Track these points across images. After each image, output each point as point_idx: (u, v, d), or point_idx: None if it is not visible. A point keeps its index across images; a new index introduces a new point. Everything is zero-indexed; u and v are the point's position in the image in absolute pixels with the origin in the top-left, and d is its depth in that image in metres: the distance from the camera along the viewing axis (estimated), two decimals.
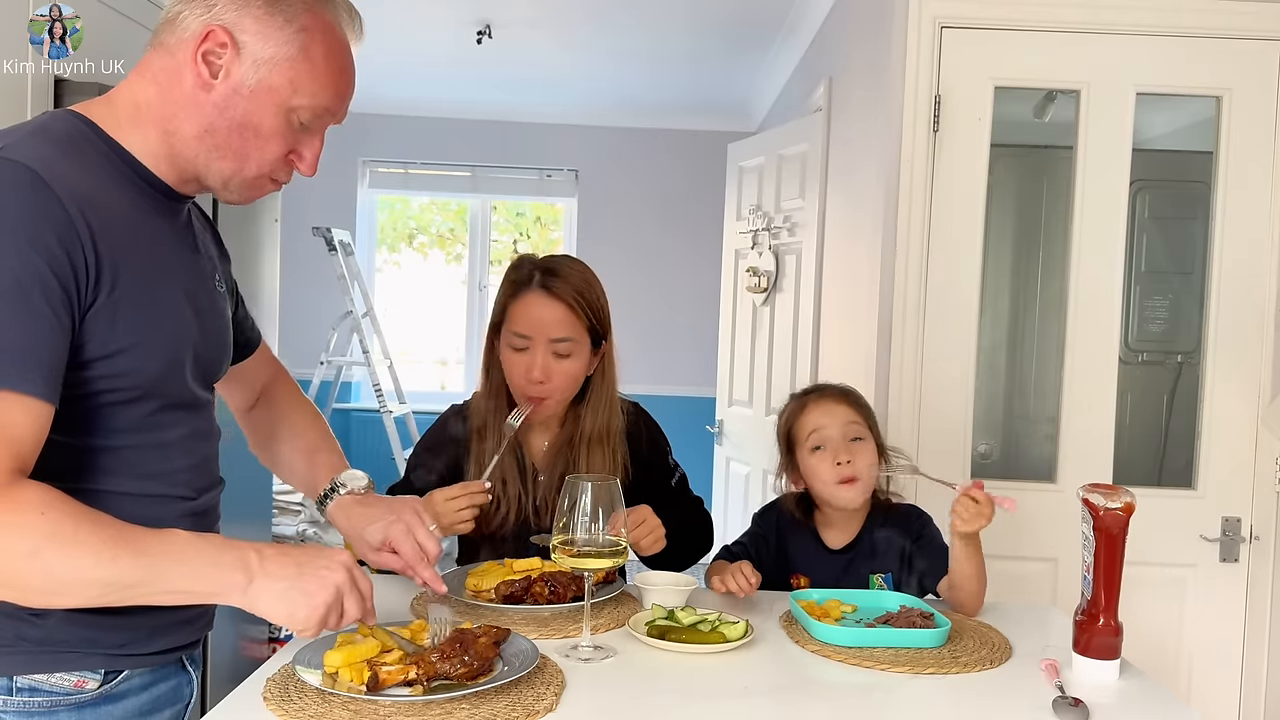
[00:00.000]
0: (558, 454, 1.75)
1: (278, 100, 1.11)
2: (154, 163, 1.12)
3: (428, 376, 6.16)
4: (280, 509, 4.47)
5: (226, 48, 1.08)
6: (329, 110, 1.16)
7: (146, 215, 1.12)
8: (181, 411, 1.16)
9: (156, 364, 1.09)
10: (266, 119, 1.11)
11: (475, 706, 1.11)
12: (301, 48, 1.11)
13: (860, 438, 1.69)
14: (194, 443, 1.19)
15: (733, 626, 1.40)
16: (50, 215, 0.98)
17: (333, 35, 1.14)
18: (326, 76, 1.13)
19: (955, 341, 2.38)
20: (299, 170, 1.18)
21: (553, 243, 6.15)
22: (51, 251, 0.97)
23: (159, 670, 1.18)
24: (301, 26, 1.10)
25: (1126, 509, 1.34)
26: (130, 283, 1.05)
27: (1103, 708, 1.22)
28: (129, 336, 1.05)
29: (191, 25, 1.09)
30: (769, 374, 3.58)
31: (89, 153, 1.08)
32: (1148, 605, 2.28)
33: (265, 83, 1.10)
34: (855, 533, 1.72)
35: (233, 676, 2.66)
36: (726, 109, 5.39)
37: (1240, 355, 2.36)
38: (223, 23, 1.08)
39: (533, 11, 3.92)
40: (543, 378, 1.66)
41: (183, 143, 1.11)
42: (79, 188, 1.02)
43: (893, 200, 2.37)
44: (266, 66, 1.09)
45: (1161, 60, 2.35)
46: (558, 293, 1.66)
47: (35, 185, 0.98)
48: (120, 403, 1.08)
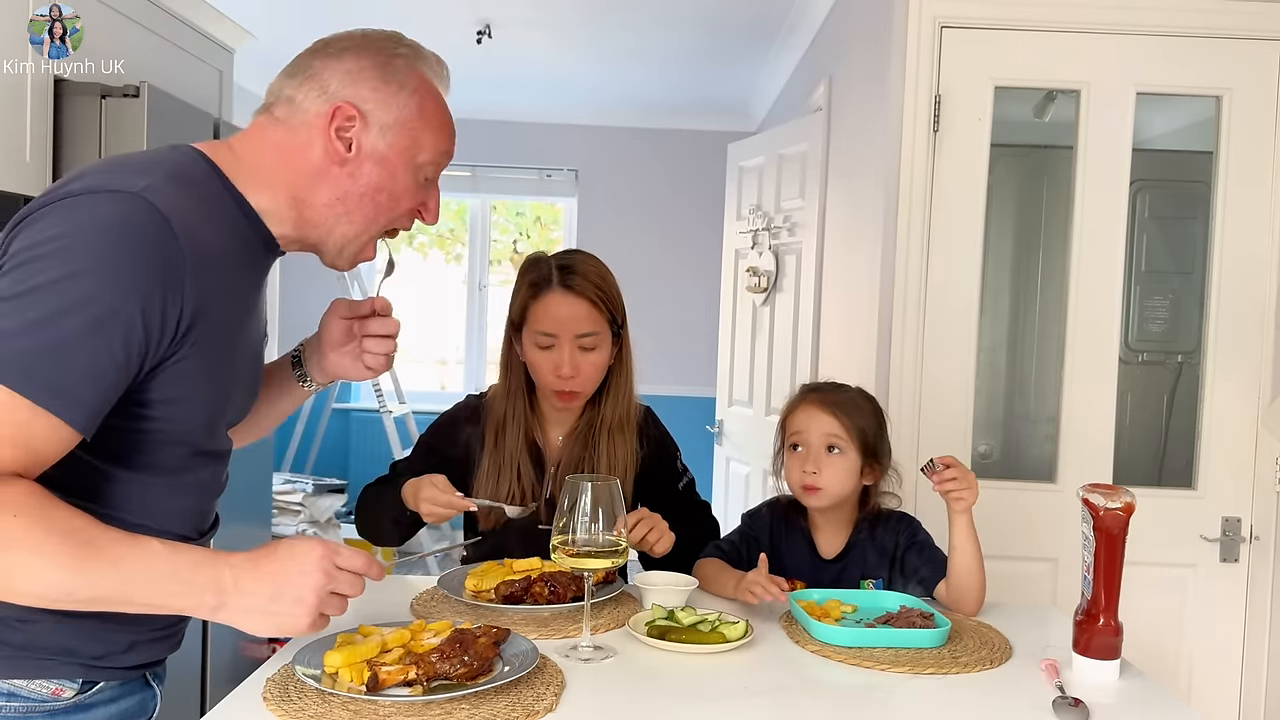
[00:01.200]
0: (574, 443, 1.77)
1: (407, 160, 1.19)
2: (274, 220, 1.17)
3: (428, 376, 6.16)
4: (280, 509, 4.47)
5: (354, 120, 1.15)
6: (448, 155, 1.25)
7: (245, 269, 1.16)
8: (207, 458, 1.18)
9: (206, 416, 1.13)
10: (400, 179, 1.19)
11: (475, 707, 1.11)
12: (418, 108, 1.19)
13: (836, 449, 1.66)
14: (208, 489, 1.21)
15: (733, 626, 1.40)
16: (165, 264, 1.00)
17: (435, 89, 1.23)
18: (441, 127, 1.23)
19: (955, 341, 2.38)
20: (424, 221, 1.27)
21: (552, 242, 6.15)
22: (152, 302, 0.99)
23: (127, 684, 1.18)
24: (414, 89, 1.19)
25: (1126, 509, 1.34)
26: (210, 337, 1.07)
27: (1103, 708, 1.22)
28: (190, 388, 1.08)
29: (312, 106, 1.15)
30: (769, 374, 3.58)
31: (211, 197, 1.11)
32: (1148, 605, 2.28)
33: (395, 146, 1.18)
34: (845, 538, 1.71)
35: (233, 676, 2.67)
36: (726, 109, 5.39)
37: (1240, 355, 2.36)
38: (345, 98, 1.15)
39: (533, 11, 3.92)
40: (572, 373, 1.68)
41: (313, 209, 1.17)
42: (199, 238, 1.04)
43: (893, 200, 2.37)
44: (394, 131, 1.17)
45: (1161, 60, 2.35)
46: (579, 289, 1.68)
47: (162, 234, 1.00)
48: (161, 443, 1.09)
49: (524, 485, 1.72)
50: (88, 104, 2.21)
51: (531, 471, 1.74)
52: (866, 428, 1.68)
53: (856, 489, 1.70)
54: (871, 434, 1.69)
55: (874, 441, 1.69)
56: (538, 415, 1.78)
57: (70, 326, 0.95)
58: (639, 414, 1.82)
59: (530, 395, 1.77)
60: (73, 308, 0.95)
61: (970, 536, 1.56)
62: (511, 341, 1.76)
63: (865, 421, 1.69)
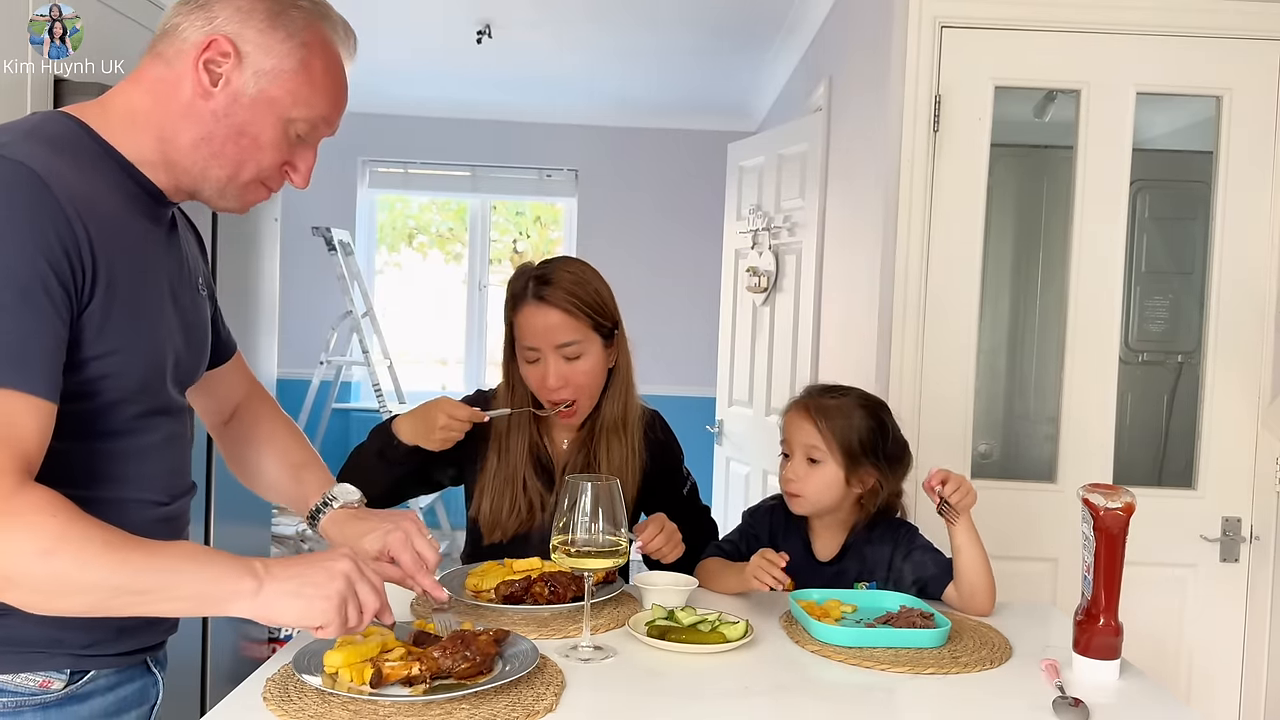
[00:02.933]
0: (579, 449, 1.77)
1: (277, 111, 1.13)
2: (149, 169, 1.13)
3: (428, 376, 6.16)
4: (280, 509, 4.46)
5: (228, 57, 1.10)
6: (325, 121, 1.18)
7: (136, 217, 1.13)
8: (160, 416, 1.16)
9: (140, 368, 1.10)
10: (265, 129, 1.13)
11: (475, 707, 1.11)
12: (302, 61, 1.13)
13: (815, 460, 1.65)
14: (170, 448, 1.19)
15: (733, 626, 1.40)
16: (50, 215, 0.99)
17: (331, 51, 1.17)
18: (325, 90, 1.16)
19: (955, 341, 2.38)
20: (292, 182, 1.21)
21: (552, 242, 6.15)
22: (52, 250, 0.98)
23: (125, 671, 1.18)
24: (303, 41, 1.13)
25: (1127, 509, 1.34)
26: (121, 284, 1.06)
27: (1103, 708, 1.22)
28: (118, 339, 1.06)
29: (192, 35, 1.11)
30: (769, 374, 3.58)
31: (83, 154, 1.09)
32: (1148, 605, 2.28)
33: (265, 93, 1.12)
34: (842, 541, 1.71)
35: (233, 676, 2.66)
36: (726, 109, 5.39)
37: (1240, 355, 2.36)
38: (225, 33, 1.10)
39: (533, 11, 3.92)
40: (558, 384, 1.68)
41: (179, 150, 1.13)
42: (75, 188, 1.03)
43: (893, 200, 2.37)
44: (267, 78, 1.12)
45: (1161, 60, 2.35)
46: (550, 299, 1.66)
47: (34, 184, 0.99)
48: (102, 406, 1.08)
49: (530, 496, 1.72)
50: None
51: (538, 482, 1.73)
52: (853, 437, 1.64)
53: (844, 497, 1.67)
54: (858, 442, 1.64)
55: (861, 449, 1.64)
56: (543, 426, 1.78)
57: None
58: (645, 417, 1.82)
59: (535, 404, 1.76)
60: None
61: (973, 536, 1.56)
62: (510, 355, 1.76)
63: (852, 430, 1.64)
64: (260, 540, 3.06)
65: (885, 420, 1.69)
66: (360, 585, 1.08)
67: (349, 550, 1.11)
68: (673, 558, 1.62)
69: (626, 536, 1.33)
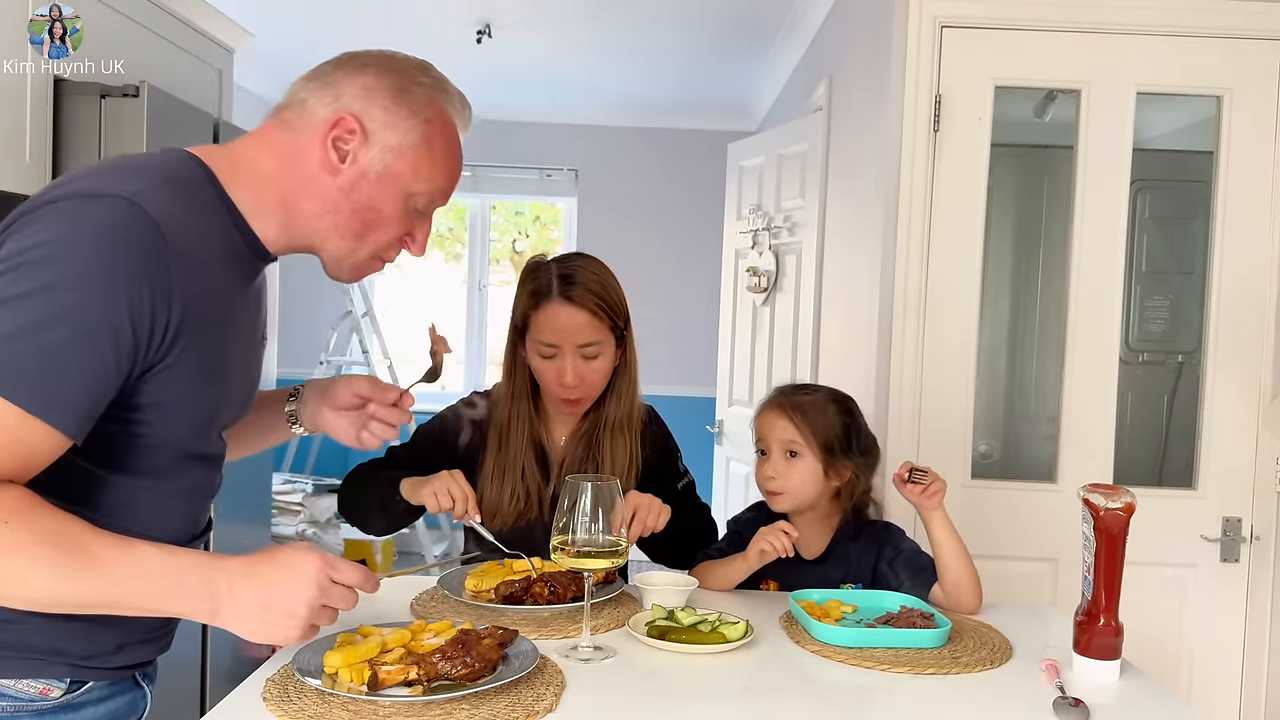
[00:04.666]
0: (579, 442, 1.77)
1: (400, 185, 1.17)
2: (263, 229, 1.16)
3: None
4: (280, 509, 4.47)
5: (355, 134, 1.14)
6: (443, 193, 1.22)
7: (235, 275, 1.16)
8: (199, 463, 1.18)
9: (198, 421, 1.12)
10: (388, 203, 1.17)
11: (475, 707, 1.11)
12: (424, 137, 1.17)
13: (794, 453, 1.68)
14: (198, 493, 1.21)
15: (733, 626, 1.40)
16: (155, 270, 1.00)
17: (450, 125, 1.21)
18: (445, 163, 1.20)
19: (955, 341, 2.38)
20: (411, 251, 1.25)
21: (552, 242, 6.15)
22: (140, 306, 0.99)
23: (117, 684, 1.18)
24: (426, 118, 1.17)
25: (1127, 509, 1.33)
26: (201, 341, 1.07)
27: (1103, 708, 1.22)
28: (182, 391, 1.08)
29: (319, 111, 1.14)
30: (769, 374, 3.58)
31: (202, 202, 1.11)
32: (1148, 605, 2.28)
33: (390, 169, 1.16)
34: (827, 540, 1.72)
35: (233, 676, 2.66)
36: (726, 109, 5.39)
37: (1240, 355, 2.36)
38: (353, 111, 1.13)
39: (533, 11, 3.92)
40: (576, 383, 1.68)
41: (302, 218, 1.16)
42: (187, 243, 1.04)
43: (893, 200, 2.37)
44: (393, 154, 1.15)
45: (1161, 60, 2.35)
46: (578, 300, 1.66)
47: (151, 237, 1.00)
48: (151, 446, 1.09)
49: (528, 486, 1.72)
50: (87, 104, 2.21)
51: (537, 473, 1.74)
52: (828, 430, 1.68)
53: (824, 491, 1.70)
54: (834, 436, 1.68)
55: (837, 443, 1.68)
56: (542, 416, 1.78)
57: (60, 333, 0.95)
58: (643, 414, 1.82)
59: (535, 397, 1.77)
60: (63, 314, 0.95)
61: (951, 531, 1.57)
62: (515, 344, 1.76)
63: (827, 424, 1.69)
64: (260, 540, 3.06)
65: (856, 414, 1.74)
66: (330, 598, 1.06)
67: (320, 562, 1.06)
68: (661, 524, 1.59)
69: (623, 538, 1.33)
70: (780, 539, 1.59)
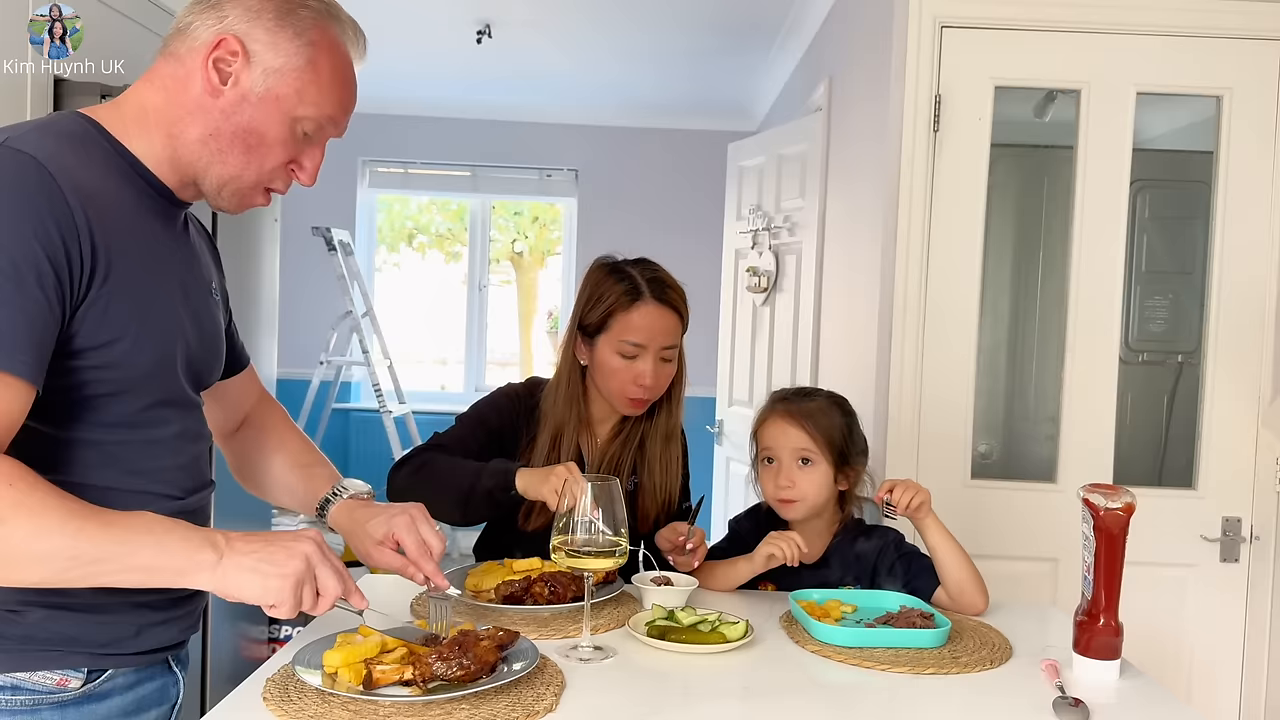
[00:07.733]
0: (616, 444, 1.79)
1: (284, 109, 1.14)
2: (156, 166, 1.15)
3: (427, 376, 6.16)
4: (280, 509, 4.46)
5: (237, 56, 1.12)
6: (332, 120, 1.19)
7: (145, 215, 1.14)
8: (172, 410, 1.17)
9: (147, 357, 1.11)
10: (271, 127, 1.14)
11: (475, 707, 1.11)
12: (309, 60, 1.15)
13: (808, 461, 1.68)
14: (184, 442, 1.20)
15: (733, 626, 1.40)
16: (52, 206, 1.00)
17: (339, 51, 1.18)
18: (332, 89, 1.17)
19: (955, 341, 2.38)
20: (299, 180, 1.21)
21: (552, 242, 6.15)
22: (50, 240, 0.99)
23: (145, 670, 1.18)
24: (310, 40, 1.15)
25: (1127, 509, 1.34)
26: (124, 275, 1.07)
27: (1103, 708, 1.22)
28: (120, 328, 1.07)
29: (203, 34, 1.12)
30: (769, 374, 3.58)
31: (93, 151, 1.10)
32: (1148, 605, 2.28)
33: (273, 91, 1.13)
34: (825, 544, 1.72)
35: (233, 676, 2.66)
36: (726, 109, 5.39)
37: (1240, 355, 2.36)
38: (235, 32, 1.12)
39: (533, 11, 3.92)
40: (654, 383, 1.72)
41: (186, 146, 1.14)
42: (81, 182, 1.04)
43: (893, 200, 2.37)
44: (275, 76, 1.13)
45: (1161, 60, 2.35)
46: (673, 303, 1.73)
47: (40, 176, 1.00)
48: (109, 395, 1.09)
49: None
50: (87, 104, 2.20)
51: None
52: (836, 435, 1.69)
53: (833, 496, 1.71)
54: (842, 440, 1.69)
55: (845, 447, 1.70)
56: (585, 420, 1.80)
57: None
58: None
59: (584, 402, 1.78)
60: None
61: (946, 536, 1.57)
62: (577, 343, 1.76)
63: (835, 429, 1.70)
64: None
65: (853, 414, 1.76)
66: (321, 568, 1.07)
67: (316, 533, 1.10)
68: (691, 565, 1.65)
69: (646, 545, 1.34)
70: (791, 548, 1.59)
